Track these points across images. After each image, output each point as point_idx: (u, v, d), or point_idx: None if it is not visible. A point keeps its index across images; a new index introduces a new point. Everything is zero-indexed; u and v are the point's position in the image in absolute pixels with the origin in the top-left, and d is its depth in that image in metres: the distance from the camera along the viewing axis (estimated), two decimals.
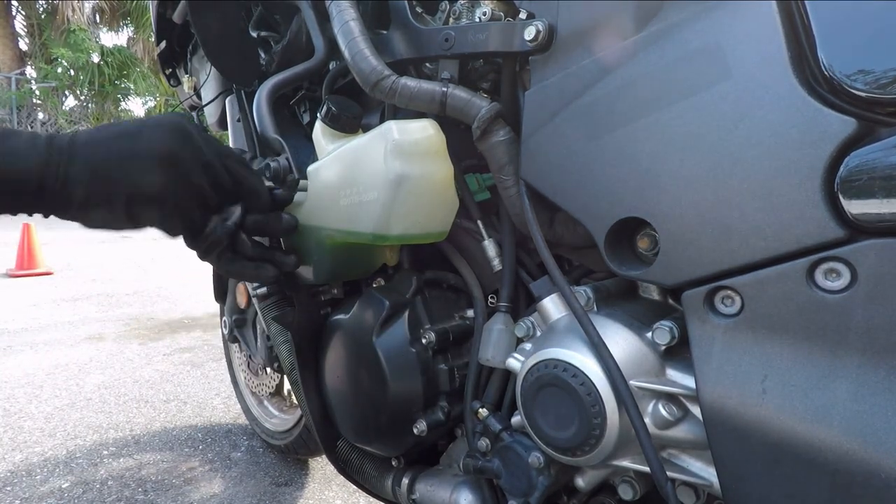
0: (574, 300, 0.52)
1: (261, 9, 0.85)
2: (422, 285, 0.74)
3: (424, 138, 0.60)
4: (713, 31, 0.43)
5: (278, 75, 0.69)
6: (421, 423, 0.70)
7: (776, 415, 0.40)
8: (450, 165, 0.62)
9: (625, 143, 0.48)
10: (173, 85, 1.37)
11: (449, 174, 0.62)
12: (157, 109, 12.68)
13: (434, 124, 0.61)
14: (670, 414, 0.48)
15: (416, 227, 0.61)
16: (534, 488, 0.60)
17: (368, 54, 0.62)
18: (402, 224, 0.59)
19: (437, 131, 0.61)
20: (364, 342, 0.72)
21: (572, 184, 0.51)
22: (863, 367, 0.37)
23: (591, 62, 0.50)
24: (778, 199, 0.40)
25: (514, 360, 0.60)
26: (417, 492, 0.79)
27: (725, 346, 0.43)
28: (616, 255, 0.50)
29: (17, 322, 2.86)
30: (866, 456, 0.37)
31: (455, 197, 0.64)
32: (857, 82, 0.37)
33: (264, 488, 1.48)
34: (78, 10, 11.26)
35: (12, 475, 1.50)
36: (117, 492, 1.43)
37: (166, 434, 1.76)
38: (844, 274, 0.38)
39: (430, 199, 0.61)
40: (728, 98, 0.42)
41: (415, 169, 0.59)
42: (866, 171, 0.36)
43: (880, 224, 0.36)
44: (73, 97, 12.43)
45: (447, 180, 0.62)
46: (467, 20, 0.61)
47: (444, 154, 0.62)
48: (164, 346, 2.61)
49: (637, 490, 0.56)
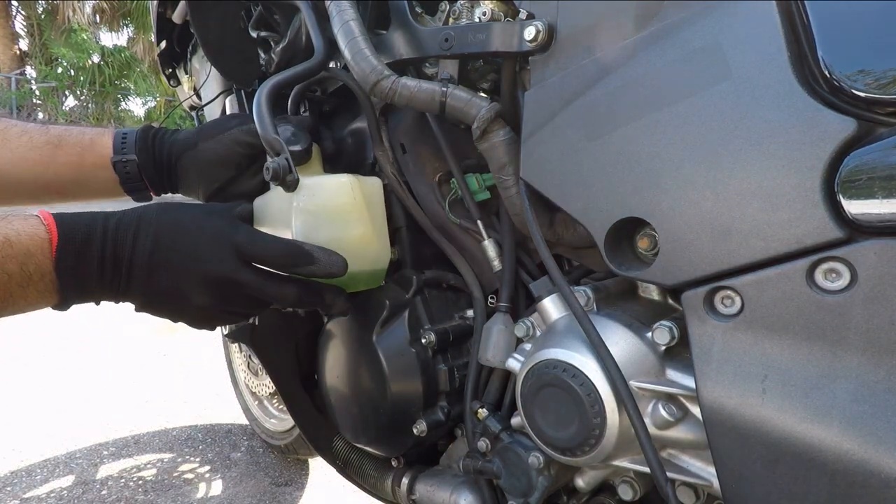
0: (574, 300, 0.52)
1: (261, 9, 0.84)
2: (422, 285, 0.74)
3: (333, 202, 0.63)
4: (713, 31, 0.43)
5: (278, 75, 0.69)
6: (421, 424, 0.70)
7: (776, 415, 0.40)
8: (366, 224, 0.64)
9: (625, 143, 0.48)
10: (173, 85, 1.37)
11: (365, 233, 0.64)
12: (157, 109, 12.67)
13: (352, 184, 0.63)
14: (670, 414, 0.48)
15: (338, 282, 0.64)
16: (533, 488, 0.60)
17: (368, 54, 0.62)
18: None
19: (349, 195, 0.63)
20: (364, 342, 0.72)
21: (572, 184, 0.51)
22: (863, 367, 0.37)
23: (591, 62, 0.50)
24: (778, 199, 0.40)
25: (514, 361, 0.60)
26: (417, 492, 0.79)
27: (725, 347, 0.43)
28: (616, 255, 0.50)
29: (17, 322, 2.86)
30: (866, 456, 0.37)
31: (382, 248, 0.67)
32: (857, 82, 0.37)
33: (264, 488, 1.48)
34: (78, 10, 11.24)
35: (12, 475, 1.50)
36: (117, 492, 1.43)
37: (166, 434, 1.76)
38: (844, 274, 0.38)
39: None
40: (728, 98, 0.42)
41: (321, 233, 0.61)
42: (866, 171, 0.36)
43: (880, 224, 0.36)
44: (73, 97, 12.43)
45: (363, 238, 0.64)
46: (467, 20, 0.61)
47: (358, 215, 0.64)
48: (163, 345, 2.61)
49: (637, 490, 0.56)
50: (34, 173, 0.70)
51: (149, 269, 0.55)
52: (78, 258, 0.53)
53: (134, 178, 0.72)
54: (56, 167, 0.71)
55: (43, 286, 0.52)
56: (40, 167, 0.70)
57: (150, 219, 0.57)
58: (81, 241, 0.53)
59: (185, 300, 0.57)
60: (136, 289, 0.56)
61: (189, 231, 0.57)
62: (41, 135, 0.71)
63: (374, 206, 0.69)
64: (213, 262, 0.56)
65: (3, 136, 0.70)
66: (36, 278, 0.51)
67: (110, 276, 0.55)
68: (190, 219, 0.58)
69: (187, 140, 0.72)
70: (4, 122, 0.72)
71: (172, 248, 0.56)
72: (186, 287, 0.56)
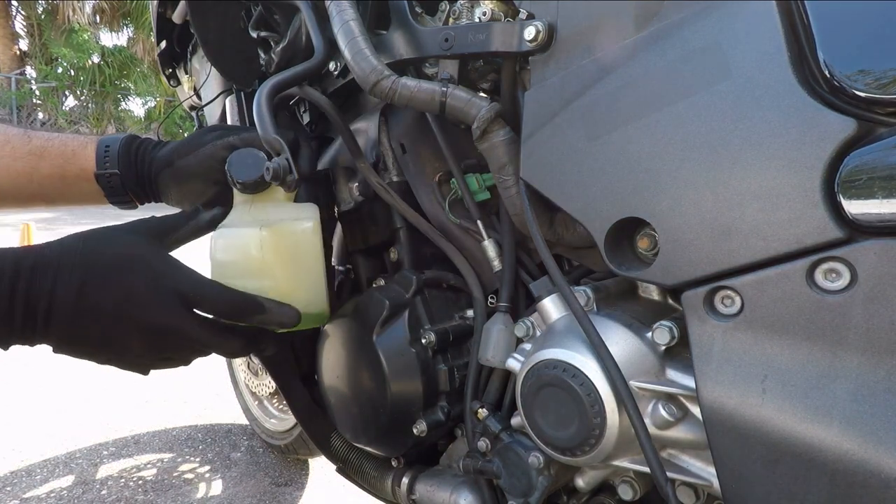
0: (574, 300, 0.52)
1: (261, 9, 0.84)
2: (422, 285, 0.74)
3: (241, 254, 0.62)
4: (713, 30, 0.43)
5: (278, 75, 0.69)
6: (421, 424, 0.70)
7: (776, 415, 0.40)
8: (278, 279, 0.63)
9: (625, 144, 0.48)
10: (173, 85, 1.37)
11: (277, 286, 0.63)
12: (157, 109, 12.66)
13: (261, 239, 0.62)
14: (670, 414, 0.48)
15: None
16: (533, 488, 0.60)
17: (368, 54, 0.62)
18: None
19: (256, 250, 0.62)
20: (364, 342, 0.72)
21: (572, 184, 0.51)
22: (863, 367, 0.37)
23: (591, 62, 0.50)
24: (778, 199, 0.40)
25: (514, 361, 0.60)
26: (417, 492, 0.79)
27: (725, 347, 0.43)
28: (616, 255, 0.50)
29: None
30: (866, 456, 0.37)
31: (313, 295, 0.67)
32: (857, 82, 0.37)
33: (264, 488, 1.48)
34: (78, 10, 11.25)
35: (12, 475, 1.50)
36: (117, 492, 1.43)
37: (166, 434, 1.76)
38: (844, 274, 0.38)
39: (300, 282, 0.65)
40: (728, 98, 0.42)
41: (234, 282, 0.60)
42: (866, 171, 0.36)
43: (880, 224, 0.36)
44: (73, 97, 12.43)
45: (276, 291, 0.62)
46: (467, 20, 0.61)
47: (269, 270, 0.63)
48: None
49: (637, 490, 0.56)
50: (17, 184, 0.69)
51: (73, 314, 0.50)
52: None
53: (118, 191, 0.69)
54: (39, 178, 0.69)
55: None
56: (23, 178, 0.69)
57: (74, 256, 0.51)
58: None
59: (117, 348, 0.53)
60: (56, 333, 0.50)
61: (122, 272, 0.52)
62: (23, 144, 0.69)
63: (298, 255, 0.65)
64: (152, 308, 0.52)
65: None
66: None
67: (21, 318, 0.48)
68: (123, 257, 0.53)
69: (164, 158, 0.69)
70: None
71: (103, 290, 0.51)
72: (120, 335, 0.52)
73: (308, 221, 0.66)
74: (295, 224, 0.65)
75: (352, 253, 0.85)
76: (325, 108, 0.74)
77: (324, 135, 0.92)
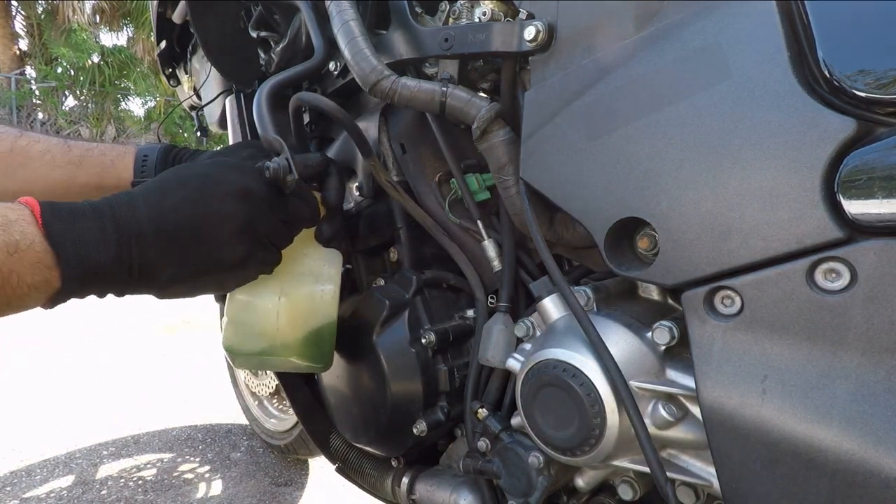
0: (574, 300, 0.52)
1: (261, 9, 0.84)
2: (422, 285, 0.74)
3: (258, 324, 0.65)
4: (713, 30, 0.43)
5: (278, 75, 0.69)
6: (421, 424, 0.70)
7: (776, 415, 0.40)
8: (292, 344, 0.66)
9: (625, 143, 0.48)
10: (173, 85, 1.37)
11: (293, 348, 0.66)
12: (157, 109, 12.66)
13: (277, 312, 0.64)
14: (670, 414, 0.48)
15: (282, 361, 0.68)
16: (533, 488, 0.60)
17: (368, 54, 0.62)
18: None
19: (272, 322, 0.64)
20: (364, 342, 0.72)
21: (572, 184, 0.51)
22: (863, 367, 0.37)
23: (591, 62, 0.50)
24: (778, 199, 0.40)
25: (514, 361, 0.60)
26: (417, 492, 0.79)
27: (725, 347, 0.43)
28: (616, 255, 0.50)
29: (17, 322, 2.86)
30: (866, 456, 0.37)
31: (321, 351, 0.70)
32: (857, 82, 0.37)
33: (264, 488, 1.48)
34: (78, 10, 11.24)
35: (12, 475, 1.50)
36: (117, 492, 1.43)
37: (166, 434, 1.76)
38: (844, 274, 0.38)
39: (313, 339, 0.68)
40: (728, 98, 0.42)
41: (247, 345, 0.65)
42: (866, 171, 0.36)
43: (880, 224, 0.36)
44: (73, 97, 12.42)
45: (289, 351, 0.66)
46: (467, 20, 0.61)
47: (282, 337, 0.65)
48: (163, 346, 2.61)
49: (637, 490, 0.56)
50: (55, 193, 0.69)
51: (159, 211, 0.50)
52: (69, 221, 0.47)
53: None
54: (77, 188, 0.70)
55: (34, 256, 0.45)
56: (61, 187, 0.70)
57: (146, 181, 0.54)
58: (67, 212, 0.48)
59: (209, 236, 0.52)
60: (149, 239, 0.50)
61: (193, 168, 0.55)
62: (63, 154, 0.70)
63: (312, 320, 0.67)
64: (231, 177, 0.54)
65: (25, 155, 0.69)
66: (24, 246, 0.45)
67: (114, 234, 0.49)
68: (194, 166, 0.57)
69: None
70: (27, 139, 0.70)
71: (183, 185, 0.52)
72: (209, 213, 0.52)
73: (329, 284, 0.68)
74: (315, 288, 0.67)
75: (352, 253, 0.85)
76: (331, 111, 0.73)
77: (324, 135, 0.92)
